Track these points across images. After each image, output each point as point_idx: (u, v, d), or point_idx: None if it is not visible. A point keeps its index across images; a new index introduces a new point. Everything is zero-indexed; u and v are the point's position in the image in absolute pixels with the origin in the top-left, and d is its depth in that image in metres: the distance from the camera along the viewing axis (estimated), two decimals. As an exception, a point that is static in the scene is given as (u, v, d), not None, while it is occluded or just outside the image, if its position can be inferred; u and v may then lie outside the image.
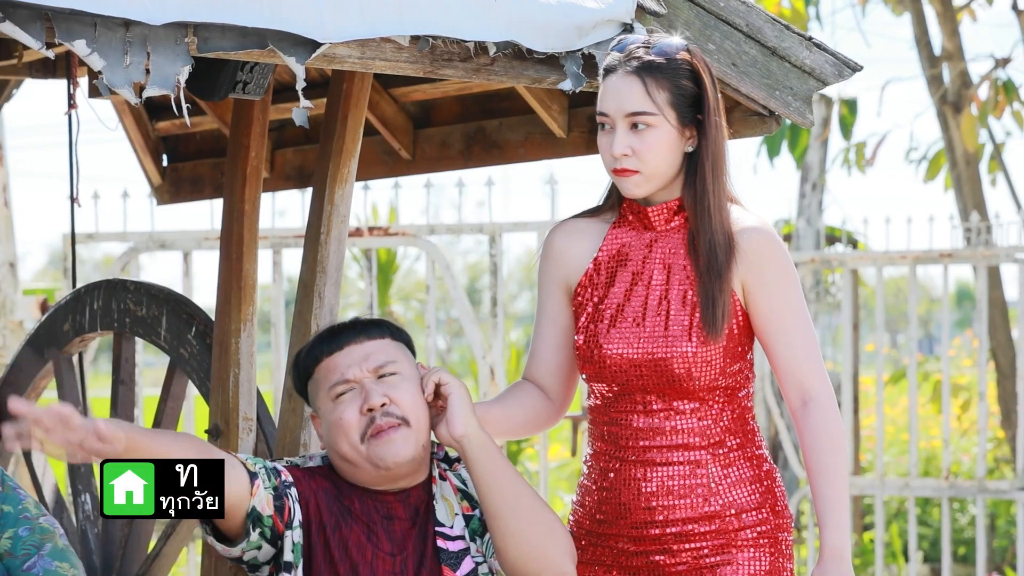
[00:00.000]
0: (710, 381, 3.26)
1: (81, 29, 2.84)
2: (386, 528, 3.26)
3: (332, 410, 3.24)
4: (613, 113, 3.27)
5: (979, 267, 8.20)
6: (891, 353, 23.12)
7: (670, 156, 3.27)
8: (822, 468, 3.22)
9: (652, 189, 3.31)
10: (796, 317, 3.28)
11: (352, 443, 3.21)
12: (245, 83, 3.77)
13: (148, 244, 7.10)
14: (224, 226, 3.90)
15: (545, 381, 3.44)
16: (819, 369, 3.28)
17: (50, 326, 4.45)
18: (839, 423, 3.26)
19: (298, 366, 3.36)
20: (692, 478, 3.27)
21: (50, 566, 3.38)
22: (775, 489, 3.33)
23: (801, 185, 10.82)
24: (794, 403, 3.27)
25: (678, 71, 3.25)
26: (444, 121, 4.70)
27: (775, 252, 3.29)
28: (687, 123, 3.27)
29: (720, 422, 3.28)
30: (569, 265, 3.40)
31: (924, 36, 10.44)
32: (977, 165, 10.28)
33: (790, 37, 3.64)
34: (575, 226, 3.44)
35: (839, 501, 3.22)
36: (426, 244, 7.06)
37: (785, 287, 3.28)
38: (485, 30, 3.23)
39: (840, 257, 8.45)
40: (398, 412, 3.22)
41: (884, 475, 8.35)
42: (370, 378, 3.24)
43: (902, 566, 9.56)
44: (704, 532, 3.26)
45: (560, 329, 3.42)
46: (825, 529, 3.23)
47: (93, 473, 4.39)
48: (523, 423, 3.43)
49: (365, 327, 3.32)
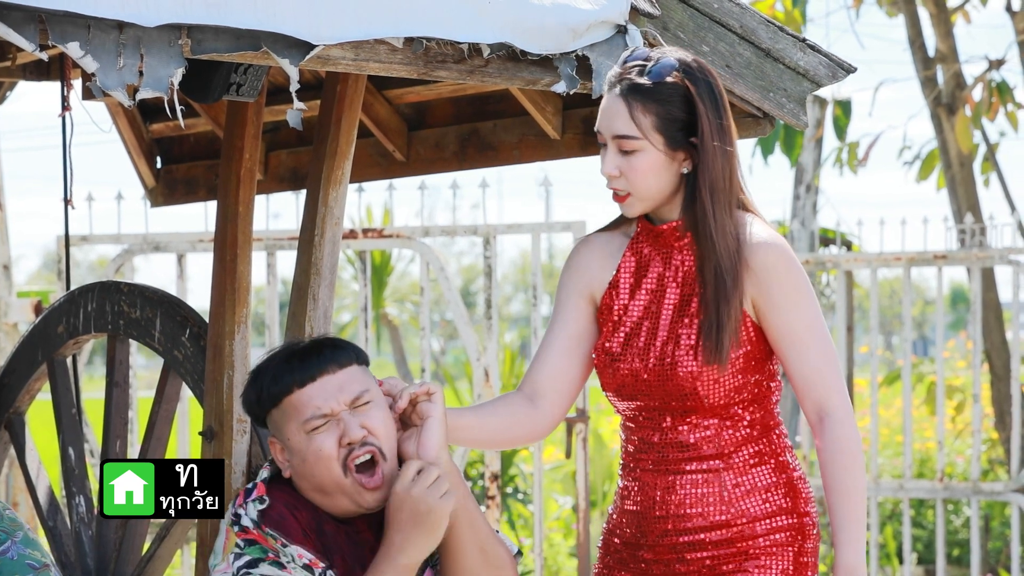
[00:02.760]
0: (723, 398, 3.25)
1: (75, 31, 2.83)
2: (356, 554, 3.22)
3: (308, 442, 3.16)
4: (604, 133, 3.27)
5: (973, 269, 8.20)
6: (885, 355, 23.15)
7: (660, 179, 3.25)
8: (838, 485, 3.20)
9: (648, 208, 3.29)
10: (812, 333, 3.23)
11: (334, 476, 3.15)
12: (239, 85, 3.76)
13: (142, 246, 7.09)
14: (218, 228, 3.90)
15: (543, 387, 3.39)
16: (837, 385, 3.23)
17: (44, 328, 4.44)
18: (856, 440, 3.22)
19: (261, 393, 3.22)
20: (705, 486, 3.26)
21: (23, 551, 3.39)
22: (800, 494, 3.30)
23: (795, 187, 10.82)
24: (811, 418, 3.25)
25: (667, 96, 3.21)
26: (438, 123, 4.70)
27: (787, 268, 3.23)
28: (677, 147, 3.23)
29: (739, 432, 3.27)
30: (592, 279, 3.39)
31: (918, 38, 10.44)
32: (971, 166, 10.29)
33: (784, 39, 3.64)
34: (597, 240, 3.43)
35: (856, 519, 3.19)
36: (420, 246, 7.06)
37: (797, 303, 3.23)
38: (479, 32, 3.23)
39: (834, 259, 8.45)
40: (376, 442, 3.16)
41: (878, 477, 8.36)
42: (346, 410, 3.17)
43: (896, 568, 9.56)
44: (717, 541, 3.26)
45: (572, 336, 3.40)
46: (840, 548, 3.20)
47: (87, 475, 4.38)
48: (497, 431, 3.36)
49: (334, 354, 3.21)
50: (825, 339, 3.25)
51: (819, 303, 3.29)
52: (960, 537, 10.27)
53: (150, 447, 4.18)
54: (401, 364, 19.53)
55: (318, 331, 3.86)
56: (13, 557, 3.39)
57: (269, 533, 3.14)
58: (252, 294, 3.89)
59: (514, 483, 10.14)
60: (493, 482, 7.11)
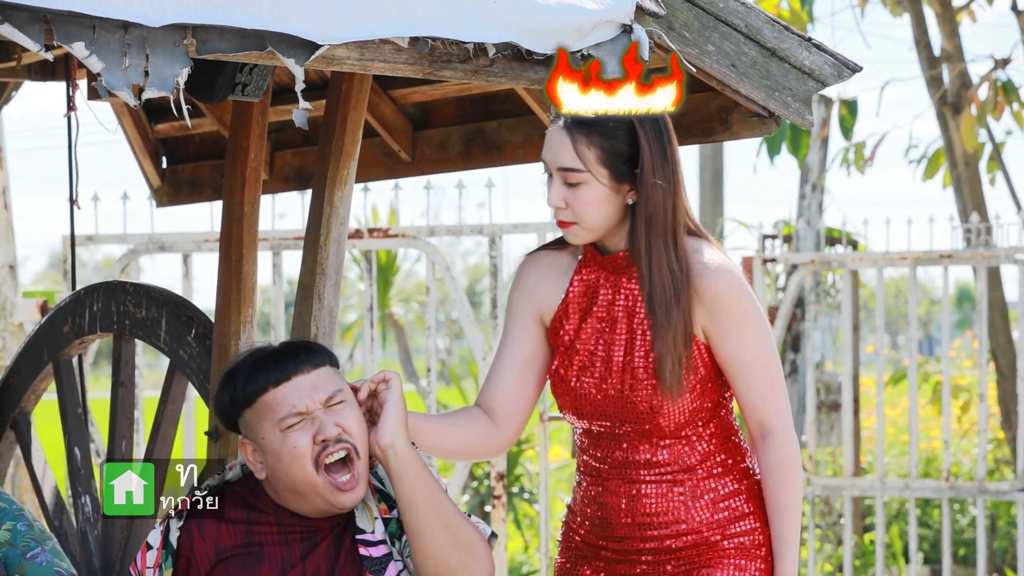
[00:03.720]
0: (682, 422, 3.27)
1: (80, 31, 2.83)
2: (305, 551, 3.23)
3: (282, 440, 3.16)
4: (549, 164, 3.26)
5: (979, 268, 8.19)
6: (891, 354, 23.13)
7: (605, 210, 3.24)
8: (776, 502, 3.29)
9: (595, 238, 3.29)
10: (758, 361, 3.26)
11: (307, 474, 3.15)
12: (244, 85, 3.76)
13: (148, 246, 7.10)
14: (224, 228, 3.90)
15: (498, 406, 3.40)
16: (777, 407, 3.28)
17: (50, 328, 4.44)
18: (794, 459, 3.29)
19: (235, 393, 3.22)
20: (669, 495, 3.29)
21: (51, 559, 3.42)
22: (761, 499, 3.33)
23: (801, 186, 10.81)
24: (754, 435, 3.32)
25: (611, 129, 3.20)
26: (443, 122, 4.69)
27: (736, 297, 3.25)
28: (622, 180, 3.22)
29: (698, 447, 3.31)
30: (541, 299, 3.39)
31: (924, 37, 10.43)
32: (977, 165, 10.28)
33: (789, 38, 3.63)
34: (547, 258, 3.42)
35: (792, 534, 3.29)
36: (426, 246, 7.06)
37: (744, 332, 3.25)
38: (484, 31, 3.23)
39: (840, 258, 8.44)
40: (349, 440, 3.17)
41: (884, 476, 8.34)
42: (321, 409, 3.18)
43: (902, 567, 9.55)
44: (682, 548, 3.29)
45: (524, 356, 3.40)
46: (779, 560, 3.29)
47: (93, 475, 4.39)
48: (458, 443, 3.37)
49: (307, 355, 3.22)
50: (769, 366, 3.28)
51: (824, 302, 3.30)
52: (966, 536, 10.25)
53: (155, 447, 4.18)
54: (407, 364, 19.52)
55: (323, 331, 3.86)
56: (42, 563, 3.42)
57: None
58: (258, 294, 3.89)
59: (520, 483, 10.14)
60: (499, 482, 7.10)
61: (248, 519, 3.23)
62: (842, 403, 8.62)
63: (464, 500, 9.59)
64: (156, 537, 3.22)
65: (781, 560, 3.29)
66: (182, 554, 3.20)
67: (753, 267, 8.45)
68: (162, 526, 3.22)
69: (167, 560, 3.19)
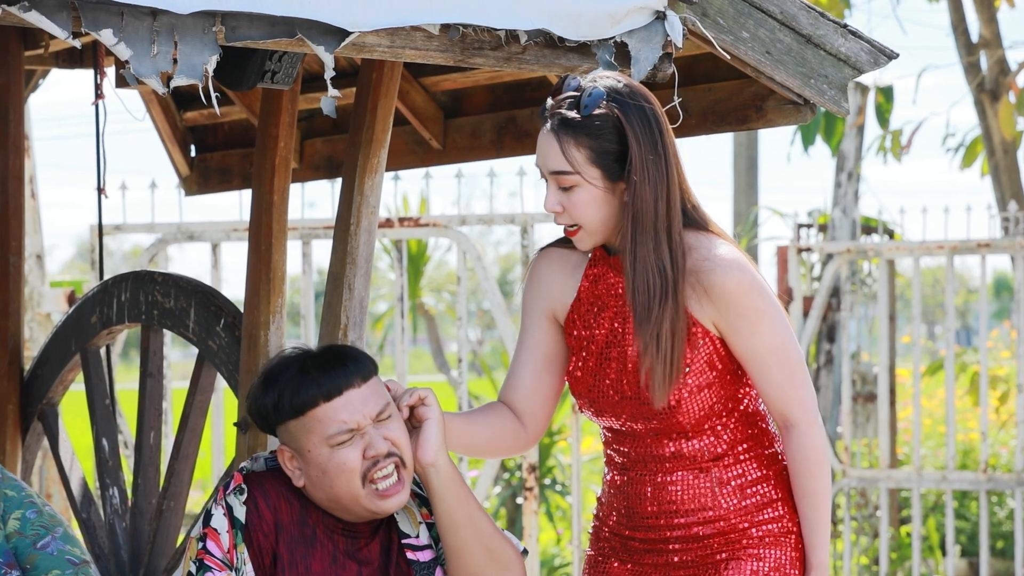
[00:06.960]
0: (702, 414, 3.23)
1: (108, 18, 2.82)
2: (351, 549, 3.20)
3: (330, 455, 3.12)
4: (541, 168, 3.20)
5: (1017, 257, 8.12)
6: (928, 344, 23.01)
7: (602, 212, 3.17)
8: (804, 492, 3.26)
9: (601, 240, 3.23)
10: (774, 355, 3.20)
11: (353, 489, 3.13)
12: (273, 72, 3.74)
13: (176, 235, 7.08)
14: (253, 217, 3.88)
15: (520, 406, 3.37)
16: (799, 397, 3.23)
17: (78, 318, 4.43)
18: (819, 449, 3.24)
19: (280, 402, 3.15)
20: (695, 483, 3.26)
21: (63, 547, 3.40)
22: (789, 484, 3.30)
23: (836, 175, 10.74)
24: (778, 424, 3.29)
25: (598, 129, 3.12)
26: (475, 110, 4.66)
27: (746, 293, 3.18)
28: (616, 179, 3.15)
29: (724, 437, 3.27)
30: (554, 298, 3.34)
31: (961, 23, 10.35)
32: (1015, 153, 10.20)
33: (825, 25, 3.58)
34: (558, 256, 3.36)
35: (823, 521, 3.28)
36: (457, 235, 7.02)
37: (758, 327, 3.19)
38: (516, 18, 3.20)
39: (876, 247, 8.38)
40: (397, 453, 3.15)
41: (921, 468, 8.28)
42: (371, 424, 3.14)
43: (939, 560, 9.49)
44: (710, 535, 3.26)
45: (541, 355, 3.36)
46: (811, 550, 3.27)
47: (121, 466, 4.37)
48: (487, 442, 3.35)
49: (356, 366, 3.17)
50: (787, 358, 3.22)
51: (860, 292, 3.25)
52: (1004, 529, 10.17)
53: (184, 438, 4.16)
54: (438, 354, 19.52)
55: (354, 321, 3.83)
56: (53, 552, 3.40)
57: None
58: (287, 284, 3.87)
59: (552, 474, 10.11)
60: (531, 474, 7.07)
61: (300, 500, 3.20)
62: (878, 394, 8.56)
63: (496, 492, 9.57)
64: (221, 521, 3.14)
65: (816, 550, 3.26)
66: (251, 528, 3.15)
67: (788, 256, 8.40)
68: (220, 508, 3.15)
69: (238, 537, 3.13)
